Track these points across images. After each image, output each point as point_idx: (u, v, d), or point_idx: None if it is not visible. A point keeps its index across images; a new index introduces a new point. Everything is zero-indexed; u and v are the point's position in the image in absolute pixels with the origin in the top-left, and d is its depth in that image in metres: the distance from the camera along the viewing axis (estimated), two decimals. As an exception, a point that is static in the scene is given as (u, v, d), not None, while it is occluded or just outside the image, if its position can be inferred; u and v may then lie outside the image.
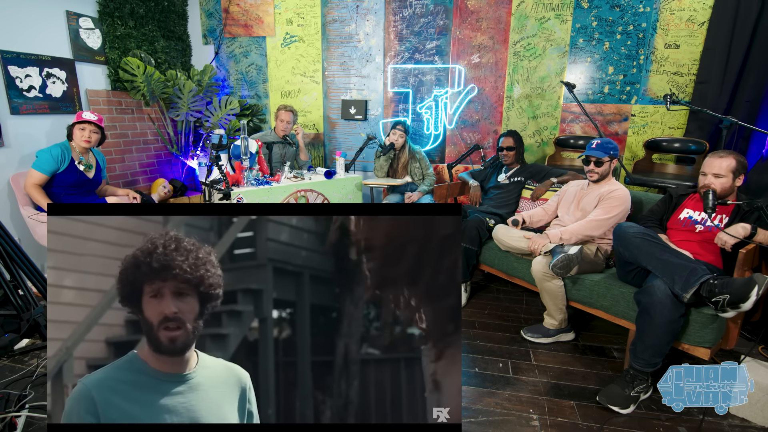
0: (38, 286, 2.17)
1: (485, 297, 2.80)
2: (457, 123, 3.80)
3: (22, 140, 2.82)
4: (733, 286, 1.55)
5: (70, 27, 3.10)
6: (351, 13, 3.81)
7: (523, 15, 3.45)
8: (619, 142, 3.43)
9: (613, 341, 2.26)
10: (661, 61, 3.24)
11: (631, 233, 1.85)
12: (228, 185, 2.60)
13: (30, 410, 1.62)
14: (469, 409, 1.71)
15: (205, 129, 3.87)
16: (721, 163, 1.86)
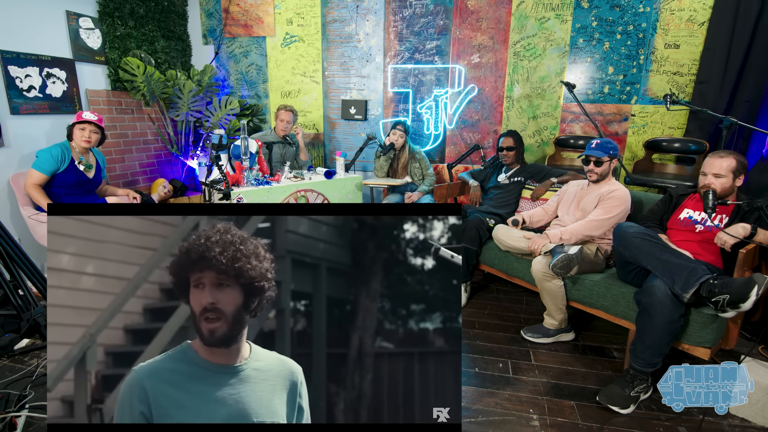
0: (38, 286, 2.17)
1: (485, 297, 2.80)
2: (457, 123, 3.80)
3: (22, 140, 2.82)
4: (733, 286, 1.55)
5: (70, 27, 3.10)
6: (351, 13, 3.81)
7: (523, 15, 3.45)
8: (619, 142, 3.43)
9: (613, 341, 2.26)
10: (661, 61, 3.24)
11: (631, 233, 1.85)
12: (228, 185, 2.60)
13: (30, 410, 1.62)
14: (469, 409, 1.71)
15: (205, 129, 3.87)
16: (721, 163, 1.86)
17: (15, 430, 1.53)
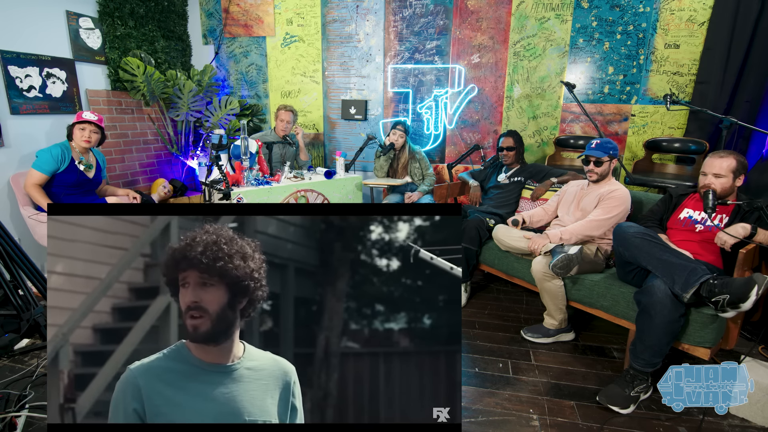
0: (38, 286, 2.17)
1: (485, 297, 2.80)
2: (457, 123, 3.80)
3: (22, 140, 2.82)
4: (733, 286, 1.55)
5: (70, 27, 3.10)
6: (351, 13, 3.81)
7: (523, 15, 3.45)
8: (619, 142, 3.43)
9: (613, 341, 2.26)
10: (661, 61, 3.24)
11: (631, 233, 1.85)
12: (228, 185, 2.60)
13: (30, 410, 1.62)
14: (469, 409, 1.71)
15: (205, 129, 3.87)
16: (721, 163, 1.86)
17: (15, 430, 1.53)
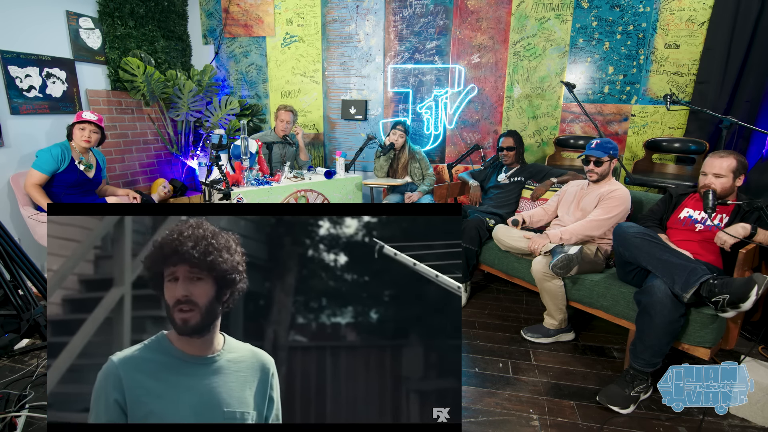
0: (38, 286, 2.17)
1: (485, 297, 2.80)
2: (457, 123, 3.80)
3: (22, 140, 2.82)
4: (733, 286, 1.55)
5: (70, 27, 3.10)
6: (351, 13, 3.81)
7: (523, 15, 3.45)
8: (619, 142, 3.43)
9: (613, 341, 2.26)
10: (661, 61, 3.24)
11: (631, 233, 1.85)
12: (228, 185, 2.60)
13: (30, 410, 1.62)
14: (469, 409, 1.71)
15: (205, 129, 3.87)
16: (721, 163, 1.86)
17: (15, 430, 1.53)
